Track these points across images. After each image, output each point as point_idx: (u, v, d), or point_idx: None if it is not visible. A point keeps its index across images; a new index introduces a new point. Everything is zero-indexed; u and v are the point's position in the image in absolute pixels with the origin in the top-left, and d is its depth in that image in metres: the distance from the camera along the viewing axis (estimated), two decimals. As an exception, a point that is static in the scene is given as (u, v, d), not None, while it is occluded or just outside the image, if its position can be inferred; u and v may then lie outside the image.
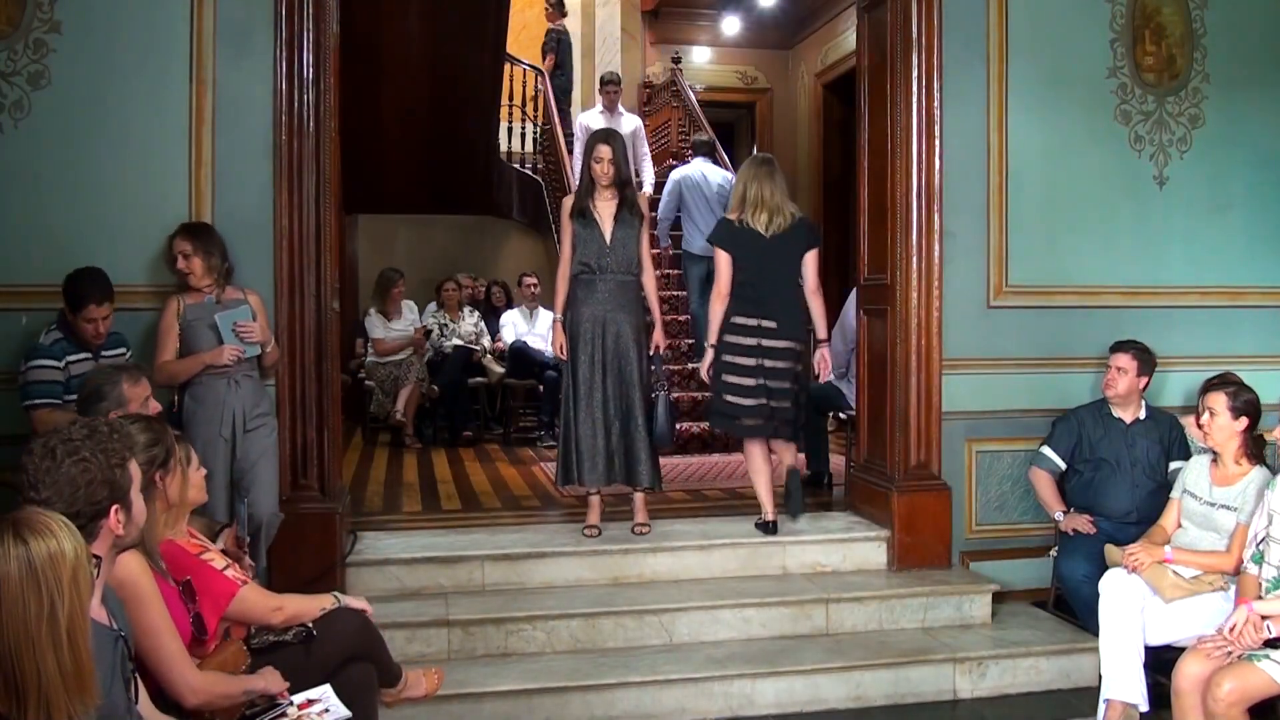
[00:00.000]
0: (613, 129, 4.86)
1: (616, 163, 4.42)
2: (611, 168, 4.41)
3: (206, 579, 2.73)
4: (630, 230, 4.43)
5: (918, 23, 4.49)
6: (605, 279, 4.39)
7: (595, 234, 4.41)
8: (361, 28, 5.66)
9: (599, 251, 4.39)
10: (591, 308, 4.40)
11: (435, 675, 3.23)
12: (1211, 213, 4.89)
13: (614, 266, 4.39)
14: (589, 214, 4.42)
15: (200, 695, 2.43)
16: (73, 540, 1.77)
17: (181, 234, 3.80)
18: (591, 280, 4.41)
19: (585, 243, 4.40)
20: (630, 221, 4.45)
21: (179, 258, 3.77)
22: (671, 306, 8.15)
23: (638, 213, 4.47)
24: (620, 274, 4.41)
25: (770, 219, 4.43)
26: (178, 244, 3.78)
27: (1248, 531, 3.43)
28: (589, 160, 4.46)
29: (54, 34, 3.87)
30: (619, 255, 4.40)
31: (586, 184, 4.48)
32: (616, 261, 4.40)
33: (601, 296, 4.40)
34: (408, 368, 7.39)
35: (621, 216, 4.43)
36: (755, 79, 11.60)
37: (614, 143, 4.45)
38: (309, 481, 4.07)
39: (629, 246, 4.42)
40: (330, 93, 4.06)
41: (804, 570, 4.47)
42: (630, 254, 4.42)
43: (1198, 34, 4.87)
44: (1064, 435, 4.35)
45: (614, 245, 4.40)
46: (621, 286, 4.42)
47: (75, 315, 3.57)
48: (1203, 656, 3.13)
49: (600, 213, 4.43)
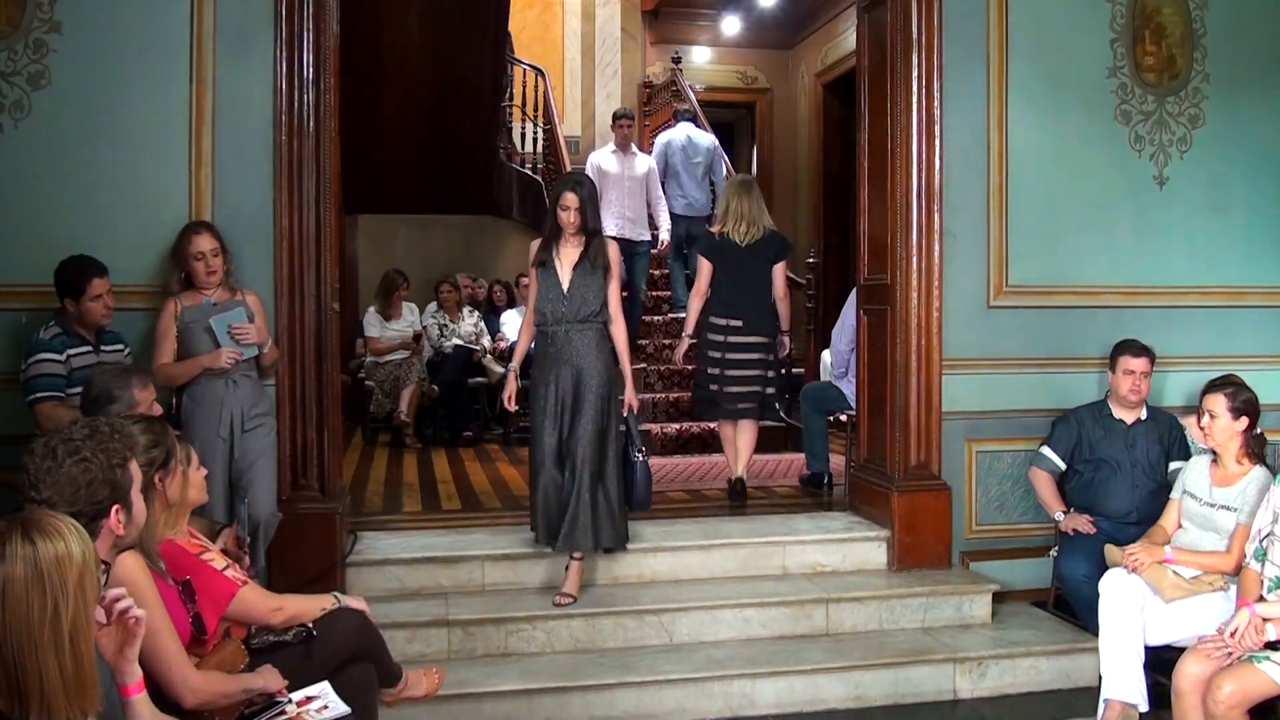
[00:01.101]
0: (583, 176, 4.48)
1: (584, 211, 4.16)
2: (578, 216, 4.15)
3: (206, 579, 2.73)
4: (590, 279, 4.16)
5: (918, 23, 4.49)
6: (562, 329, 4.14)
7: (553, 282, 4.17)
8: (361, 28, 5.66)
9: (555, 300, 4.16)
10: (551, 359, 4.16)
11: (436, 675, 3.23)
12: (1211, 213, 4.89)
13: (570, 315, 4.13)
14: (549, 262, 4.19)
15: (200, 695, 2.43)
16: (81, 544, 1.76)
17: (205, 231, 3.78)
18: (547, 331, 4.18)
19: (544, 291, 4.18)
20: (591, 270, 4.17)
21: (206, 256, 3.74)
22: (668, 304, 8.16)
23: (601, 262, 4.18)
24: (577, 323, 4.14)
25: (747, 229, 5.24)
26: (203, 242, 3.75)
27: (1248, 531, 3.43)
28: (555, 208, 4.20)
29: (54, 34, 3.87)
30: (575, 303, 4.13)
31: (551, 231, 4.23)
32: (573, 310, 4.13)
33: (558, 347, 4.15)
34: (408, 368, 7.40)
35: (583, 265, 4.17)
36: (755, 79, 11.59)
37: (582, 191, 4.18)
38: (309, 481, 4.07)
39: (588, 295, 4.15)
40: (330, 93, 4.06)
41: (804, 570, 4.47)
42: (589, 303, 4.14)
43: (1198, 34, 4.87)
44: (1064, 435, 4.35)
45: (570, 293, 4.14)
46: (580, 336, 4.14)
47: (79, 300, 3.57)
48: (1203, 657, 3.13)
49: (561, 260, 4.20)
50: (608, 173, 7.31)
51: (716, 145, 8.06)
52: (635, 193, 7.40)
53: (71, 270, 3.59)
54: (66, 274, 3.59)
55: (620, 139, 7.52)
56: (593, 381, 4.11)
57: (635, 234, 7.36)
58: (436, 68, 7.11)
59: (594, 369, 4.13)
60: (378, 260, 9.31)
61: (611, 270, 4.22)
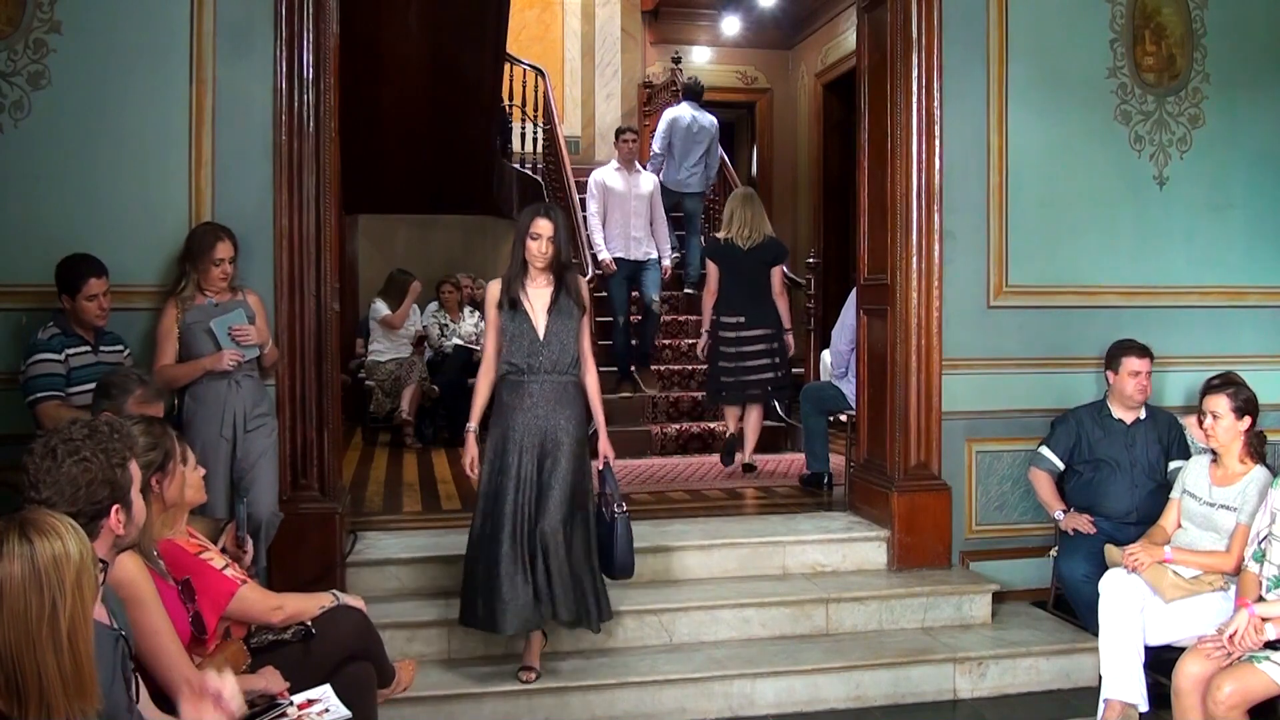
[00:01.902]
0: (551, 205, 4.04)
1: (557, 243, 3.70)
2: (551, 247, 3.69)
3: (206, 578, 2.73)
4: (568, 322, 3.73)
5: (918, 23, 4.49)
6: (538, 381, 3.68)
7: (525, 327, 3.69)
8: (361, 28, 5.66)
9: (530, 348, 3.68)
10: (522, 415, 3.65)
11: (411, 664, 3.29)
12: (1211, 213, 4.89)
13: (548, 365, 3.68)
14: (519, 304, 3.70)
15: (200, 695, 2.43)
16: (79, 543, 1.76)
17: (226, 237, 3.78)
18: (520, 383, 3.68)
19: (514, 338, 3.69)
20: (569, 311, 3.73)
21: (224, 262, 3.75)
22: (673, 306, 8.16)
23: (579, 301, 3.77)
24: (556, 374, 3.70)
25: (749, 234, 5.78)
26: (223, 249, 3.74)
27: (1248, 531, 3.43)
28: (523, 237, 3.72)
29: (54, 34, 3.87)
30: (554, 352, 3.69)
31: (518, 267, 3.73)
32: (551, 359, 3.69)
33: (534, 401, 3.67)
34: (410, 367, 7.40)
35: (559, 306, 3.72)
36: (755, 79, 11.59)
37: (555, 217, 3.74)
38: (309, 481, 4.08)
39: (567, 342, 3.71)
40: (330, 93, 4.06)
41: (804, 570, 4.47)
42: (568, 350, 3.71)
43: (1198, 34, 4.87)
44: (1063, 436, 4.34)
45: (549, 340, 3.69)
46: (558, 389, 3.70)
47: (74, 298, 3.58)
48: (1203, 657, 3.14)
49: (532, 302, 3.72)
50: (612, 190, 7.10)
51: (716, 126, 8.21)
52: (641, 211, 7.15)
53: (70, 267, 3.60)
54: (65, 270, 3.60)
55: (624, 155, 7.22)
56: (566, 439, 3.65)
57: (642, 253, 7.14)
58: (436, 67, 7.11)
59: (568, 425, 3.68)
60: (378, 260, 9.31)
61: (588, 311, 3.83)
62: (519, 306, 3.71)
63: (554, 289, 3.75)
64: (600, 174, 7.23)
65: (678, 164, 7.94)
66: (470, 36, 7.03)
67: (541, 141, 9.86)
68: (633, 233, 7.11)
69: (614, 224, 7.06)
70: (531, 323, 3.71)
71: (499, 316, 3.75)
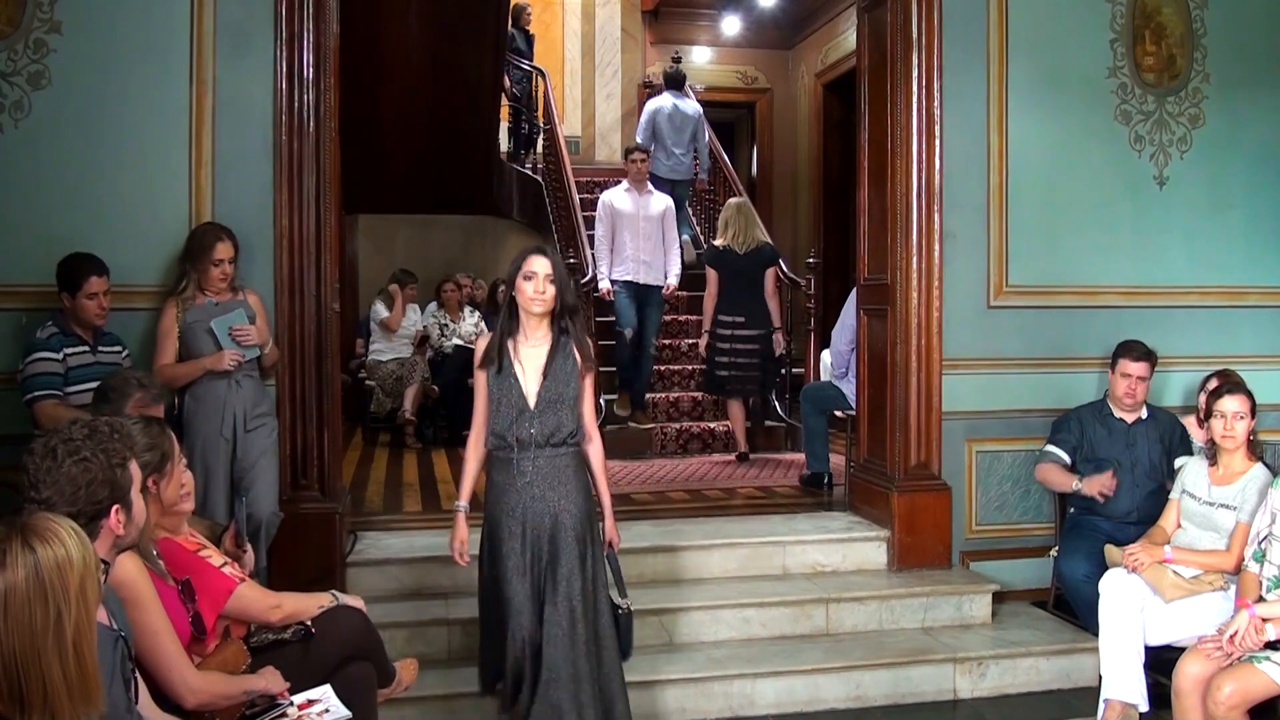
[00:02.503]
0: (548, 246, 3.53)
1: (558, 283, 3.11)
2: (550, 288, 3.09)
3: (204, 575, 2.73)
4: (567, 385, 3.12)
5: (918, 23, 4.49)
6: (529, 457, 3.10)
7: (513, 394, 3.10)
8: (361, 28, 5.66)
9: (519, 419, 3.09)
10: (514, 496, 3.11)
11: (412, 664, 3.26)
12: (1211, 213, 4.89)
13: (541, 439, 3.09)
14: (506, 366, 3.12)
15: (200, 695, 2.43)
16: (81, 548, 1.75)
17: (226, 237, 3.77)
18: (509, 460, 3.11)
19: (500, 405, 3.11)
20: (567, 370, 3.13)
21: (224, 263, 3.75)
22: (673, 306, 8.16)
23: (583, 356, 3.17)
24: (552, 448, 3.12)
25: (744, 241, 6.31)
26: (224, 249, 3.74)
27: (1248, 529, 3.43)
28: (514, 279, 3.14)
29: (54, 34, 3.87)
30: (548, 423, 3.10)
31: (508, 320, 3.17)
32: (545, 432, 3.10)
33: (526, 482, 3.10)
34: (411, 367, 7.40)
35: (555, 365, 3.12)
36: (755, 79, 11.59)
37: (553, 256, 3.16)
38: (309, 481, 4.08)
39: (563, 411, 3.11)
40: (330, 93, 4.06)
41: (804, 570, 4.47)
42: (565, 420, 3.12)
43: (1198, 34, 4.87)
44: (1067, 434, 4.34)
45: (541, 410, 3.10)
46: (554, 465, 3.13)
47: (75, 296, 3.58)
48: (1203, 657, 3.14)
49: (523, 362, 3.13)
50: (622, 213, 6.84)
51: (700, 113, 8.31)
52: (651, 234, 6.86)
53: (72, 264, 3.60)
54: (66, 268, 3.60)
55: (634, 176, 6.93)
56: (570, 520, 3.12)
57: (652, 278, 6.84)
58: (436, 67, 7.11)
59: (572, 505, 3.14)
60: (378, 260, 9.32)
61: (592, 368, 3.22)
62: (506, 369, 3.13)
63: (551, 343, 3.15)
64: (609, 195, 7.00)
65: (666, 152, 8.01)
66: (470, 36, 7.03)
67: (541, 141, 9.87)
68: (642, 256, 6.83)
69: (623, 247, 6.82)
70: (520, 388, 3.11)
71: (485, 379, 3.16)
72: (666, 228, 6.96)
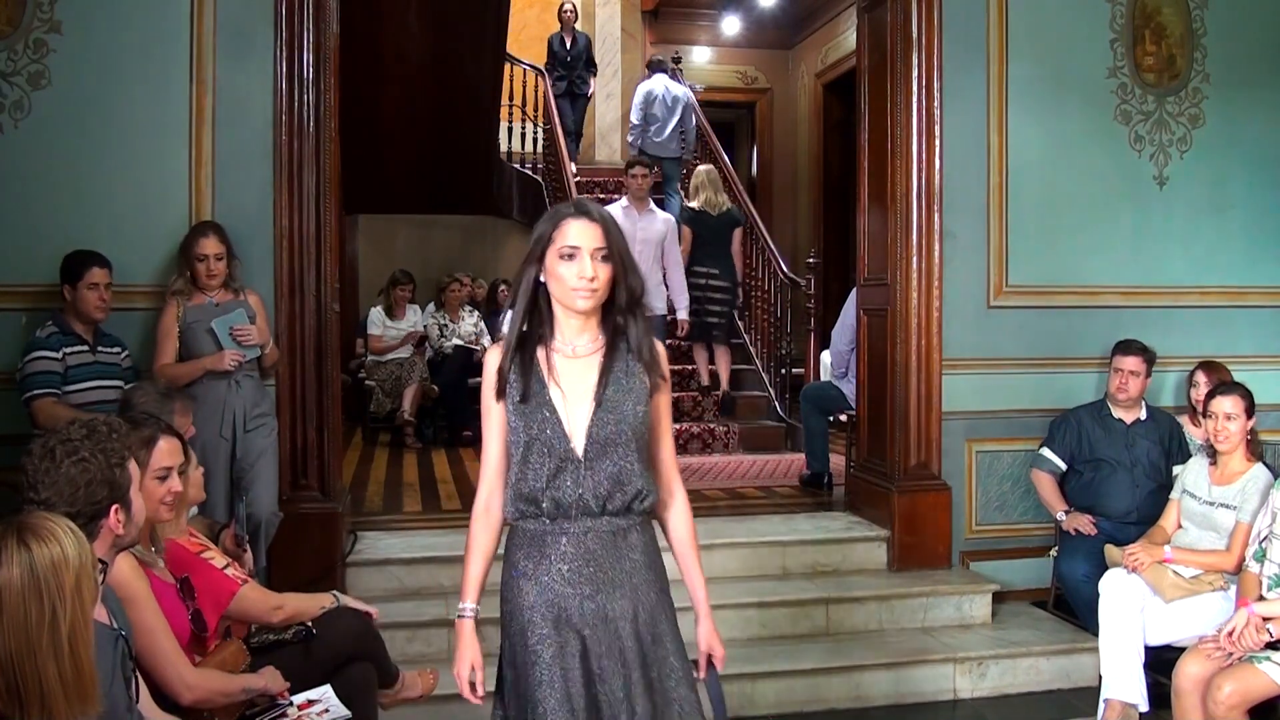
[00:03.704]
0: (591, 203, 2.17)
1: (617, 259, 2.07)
2: (604, 268, 2.04)
3: (207, 577, 2.73)
4: (631, 414, 2.08)
5: (918, 23, 4.49)
6: (575, 532, 2.07)
7: (549, 431, 2.05)
8: (361, 28, 5.66)
9: (559, 469, 2.05)
10: (546, 596, 2.06)
11: (431, 675, 3.23)
12: (1211, 213, 4.89)
13: (594, 501, 2.06)
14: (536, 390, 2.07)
15: (196, 691, 2.43)
16: (77, 546, 1.76)
17: (213, 234, 3.78)
18: (542, 534, 2.08)
19: (530, 452, 2.06)
20: (633, 391, 2.09)
21: (210, 259, 3.75)
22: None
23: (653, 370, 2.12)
24: (610, 517, 2.09)
25: (716, 205, 6.97)
26: (209, 245, 3.75)
27: (1249, 529, 3.43)
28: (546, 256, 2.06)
29: (54, 34, 3.87)
30: (606, 474, 2.06)
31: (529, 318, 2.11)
32: (600, 489, 2.06)
33: (572, 569, 2.07)
34: (410, 367, 7.40)
35: (614, 386, 2.08)
36: (755, 79, 11.60)
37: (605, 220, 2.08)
38: (309, 481, 4.07)
39: (627, 452, 2.07)
40: (330, 93, 4.06)
41: (804, 570, 4.47)
42: (631, 468, 2.08)
43: (1198, 34, 4.87)
44: (1063, 436, 4.35)
45: (594, 453, 2.06)
46: (613, 545, 2.10)
47: (76, 287, 3.58)
48: (1203, 657, 3.13)
49: (560, 382, 2.08)
50: None
51: (690, 96, 8.61)
52: (651, 257, 6.30)
53: (75, 256, 3.62)
54: (70, 260, 3.62)
55: (635, 192, 6.47)
56: (638, 630, 2.09)
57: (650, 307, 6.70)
58: (437, 67, 7.11)
59: (641, 609, 2.10)
60: (378, 260, 9.31)
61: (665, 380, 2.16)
62: (537, 394, 2.06)
63: (605, 353, 2.11)
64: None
65: (659, 130, 8.32)
66: (470, 36, 7.02)
67: (541, 141, 9.87)
68: None
69: None
70: (560, 424, 2.05)
71: (502, 413, 2.11)
72: (668, 249, 6.50)
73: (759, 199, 10.67)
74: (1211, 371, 4.31)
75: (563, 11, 9.77)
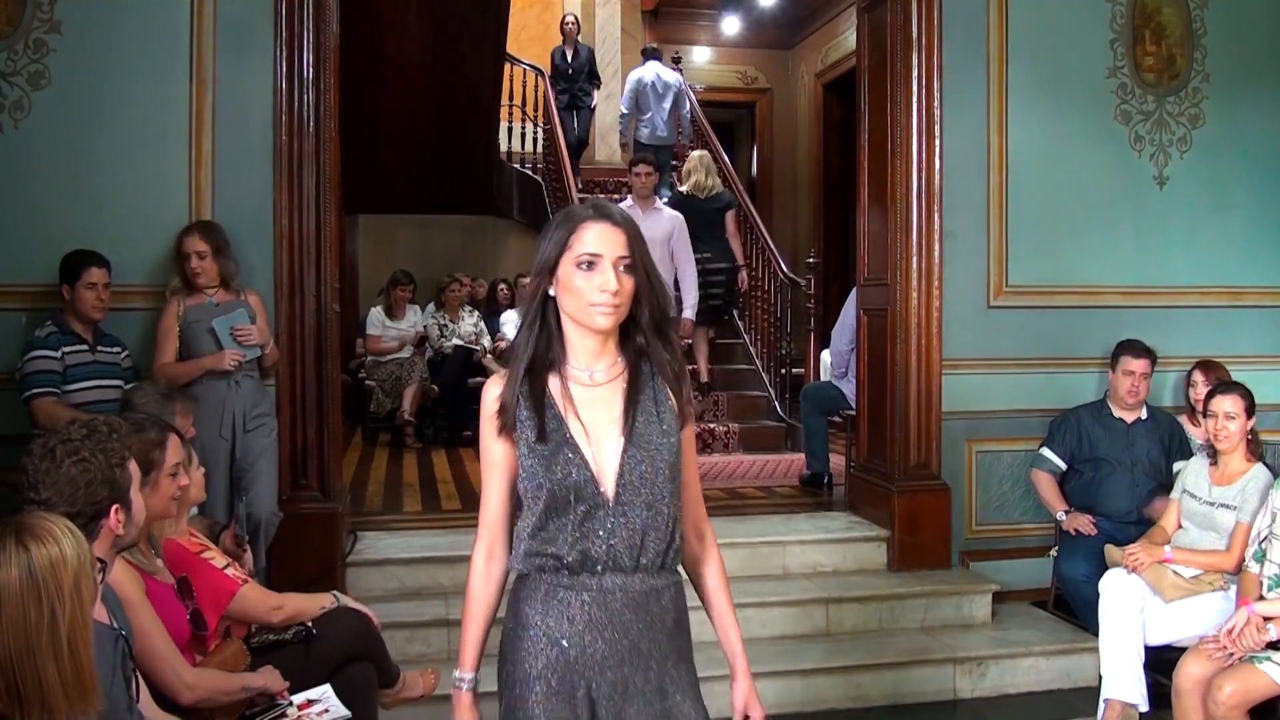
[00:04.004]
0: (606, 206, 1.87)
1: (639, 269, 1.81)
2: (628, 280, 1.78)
3: (207, 577, 2.73)
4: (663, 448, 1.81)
5: (918, 23, 4.49)
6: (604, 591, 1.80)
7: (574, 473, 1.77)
8: (361, 28, 5.66)
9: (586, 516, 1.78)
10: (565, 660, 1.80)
11: (432, 675, 3.23)
12: (1211, 213, 4.88)
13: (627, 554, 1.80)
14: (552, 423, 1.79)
15: (196, 691, 2.43)
16: (76, 546, 1.76)
17: (197, 233, 3.79)
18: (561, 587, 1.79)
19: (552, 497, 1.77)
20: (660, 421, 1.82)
21: (192, 257, 3.76)
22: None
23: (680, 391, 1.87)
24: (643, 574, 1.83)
25: (705, 188, 6.97)
26: (192, 243, 3.77)
27: (1249, 529, 3.43)
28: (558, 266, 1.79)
29: (54, 34, 3.87)
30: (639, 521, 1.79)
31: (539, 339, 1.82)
32: (632, 539, 1.79)
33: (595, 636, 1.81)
34: (410, 367, 7.40)
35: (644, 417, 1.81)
36: (755, 79, 11.60)
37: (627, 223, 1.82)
38: (309, 481, 4.07)
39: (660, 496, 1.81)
40: (330, 93, 4.06)
41: (804, 570, 4.47)
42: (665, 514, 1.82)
43: (1198, 34, 4.87)
44: (1063, 436, 4.35)
45: (626, 496, 1.78)
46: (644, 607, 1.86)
47: (74, 286, 3.59)
48: (1204, 657, 3.13)
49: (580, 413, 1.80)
50: None
51: (682, 83, 8.82)
52: (659, 258, 6.07)
53: (73, 256, 3.62)
54: (69, 259, 3.62)
55: (639, 191, 6.32)
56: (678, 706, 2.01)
57: None
58: (437, 67, 7.11)
59: (681, 678, 2.01)
60: (378, 260, 9.31)
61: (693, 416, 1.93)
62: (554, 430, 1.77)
63: (628, 377, 1.83)
64: None
65: (649, 119, 8.59)
66: (470, 36, 7.02)
67: (541, 141, 9.87)
68: None
69: None
70: (586, 464, 1.77)
71: (508, 447, 1.81)
72: (676, 249, 6.29)
73: (759, 199, 10.67)
74: (1209, 371, 4.32)
75: (565, 24, 9.76)
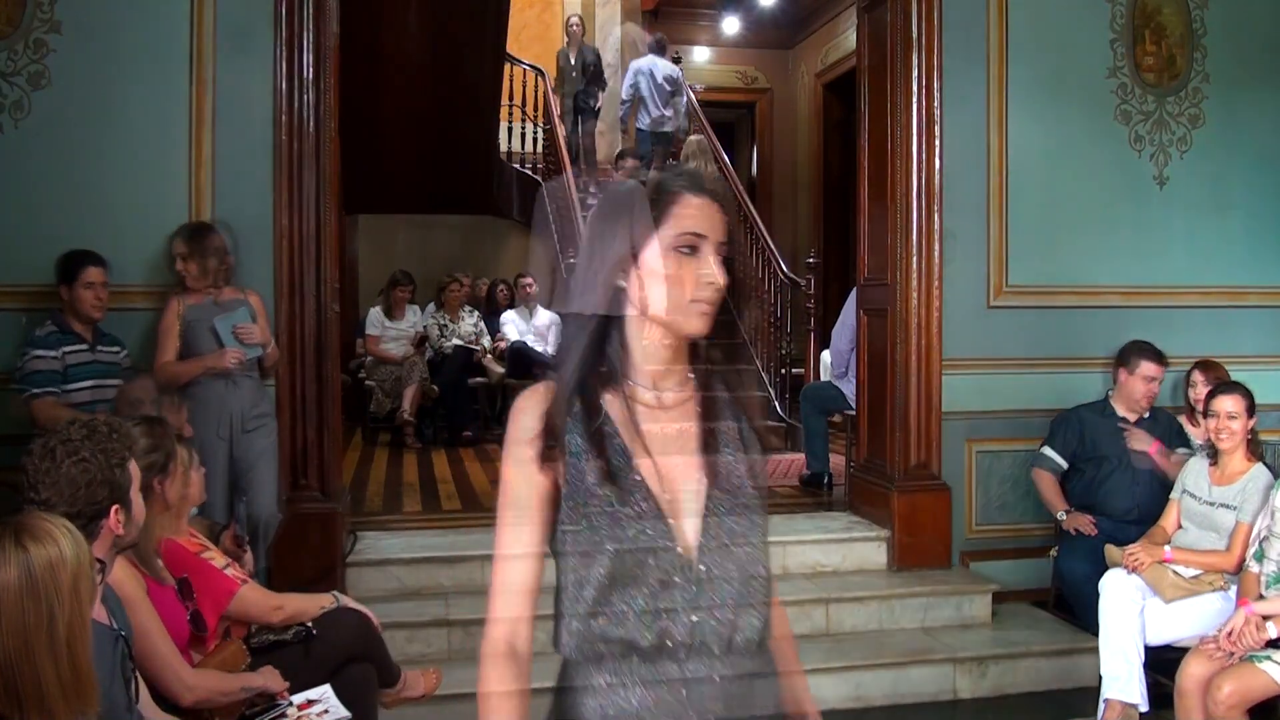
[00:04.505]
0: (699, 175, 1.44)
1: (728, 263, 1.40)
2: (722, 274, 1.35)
3: (207, 577, 2.74)
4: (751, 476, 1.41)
5: (918, 23, 4.49)
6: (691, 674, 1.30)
7: (652, 524, 1.32)
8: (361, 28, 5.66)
9: (664, 581, 1.31)
10: None
11: (434, 675, 3.23)
12: (1211, 213, 4.88)
13: (720, 635, 1.32)
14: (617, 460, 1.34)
15: (196, 692, 2.43)
16: (74, 546, 1.75)
17: (178, 237, 3.81)
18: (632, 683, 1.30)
19: (621, 560, 1.30)
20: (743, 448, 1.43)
21: (177, 259, 3.78)
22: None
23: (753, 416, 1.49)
24: (736, 657, 1.33)
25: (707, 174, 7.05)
26: (175, 246, 3.80)
27: (1249, 529, 3.43)
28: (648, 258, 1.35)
29: (54, 34, 3.87)
30: (737, 582, 1.34)
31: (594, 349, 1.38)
32: (728, 606, 1.33)
33: None
34: (410, 367, 7.40)
35: (723, 437, 1.42)
36: (755, 79, 11.60)
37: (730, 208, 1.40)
38: (309, 481, 4.07)
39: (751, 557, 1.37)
40: (330, 93, 4.06)
41: (804, 570, 4.47)
42: (756, 590, 1.35)
43: (1198, 34, 4.87)
44: (1064, 435, 4.35)
45: (715, 559, 1.33)
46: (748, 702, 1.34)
47: (72, 286, 3.59)
48: (1206, 657, 3.13)
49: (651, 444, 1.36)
50: None
51: (679, 73, 9.08)
52: None
53: (71, 256, 3.63)
54: (66, 259, 3.63)
55: None
56: None
57: None
58: (437, 67, 7.11)
59: None
60: (378, 260, 9.31)
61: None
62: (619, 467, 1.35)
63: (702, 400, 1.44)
64: None
65: (648, 109, 8.78)
66: (470, 36, 7.02)
67: (541, 141, 9.86)
68: None
69: None
70: (661, 515, 1.34)
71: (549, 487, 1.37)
72: None
73: (759, 199, 10.67)
74: (1209, 371, 4.32)
75: (569, 26, 9.77)
